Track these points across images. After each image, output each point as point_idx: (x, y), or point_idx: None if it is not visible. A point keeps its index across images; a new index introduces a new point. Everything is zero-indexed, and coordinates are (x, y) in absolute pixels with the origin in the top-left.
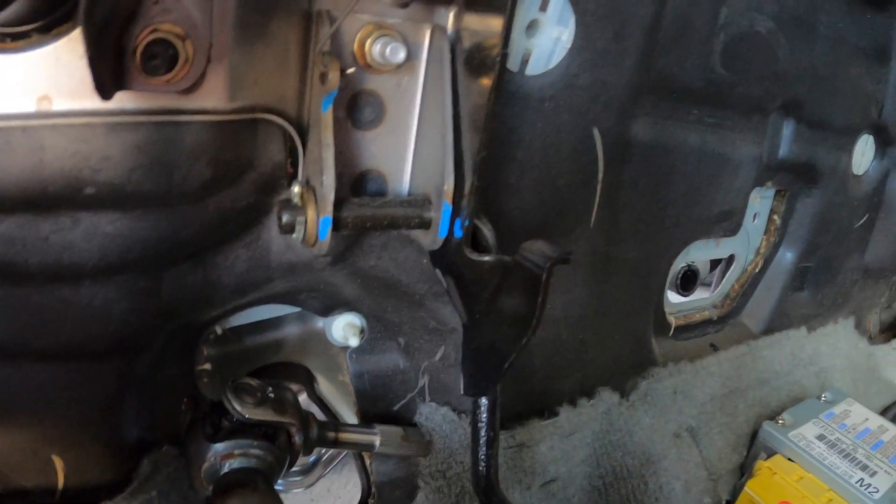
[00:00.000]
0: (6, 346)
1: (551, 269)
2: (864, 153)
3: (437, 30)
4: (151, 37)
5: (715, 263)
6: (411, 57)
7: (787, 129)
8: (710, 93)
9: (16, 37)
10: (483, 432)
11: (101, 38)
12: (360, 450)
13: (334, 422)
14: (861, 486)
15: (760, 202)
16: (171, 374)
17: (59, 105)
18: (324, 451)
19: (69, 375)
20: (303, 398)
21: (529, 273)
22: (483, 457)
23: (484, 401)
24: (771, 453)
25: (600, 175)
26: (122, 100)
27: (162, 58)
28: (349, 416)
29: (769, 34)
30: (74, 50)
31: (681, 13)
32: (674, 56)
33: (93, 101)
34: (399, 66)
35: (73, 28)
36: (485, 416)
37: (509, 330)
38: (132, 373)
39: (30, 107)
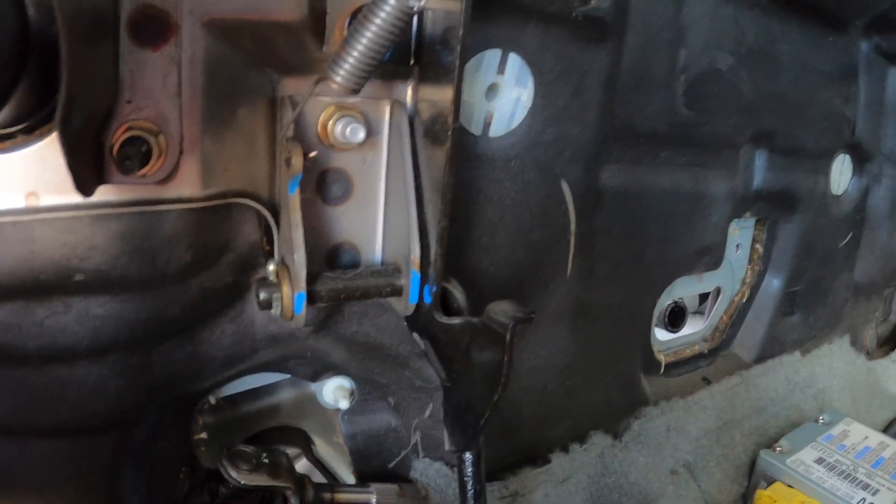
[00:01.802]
0: (7, 423)
1: (514, 329)
2: (841, 172)
3: (396, 104)
4: (127, 134)
5: (704, 296)
6: (373, 132)
7: (760, 160)
8: (676, 134)
9: (2, 137)
10: (470, 486)
11: (79, 140)
12: None
13: (330, 483)
14: None
15: (741, 233)
16: (168, 445)
17: (46, 200)
18: None
19: (68, 450)
20: (303, 461)
21: (495, 333)
22: None
23: (468, 455)
24: (771, 481)
25: (573, 226)
26: (104, 192)
27: (134, 157)
28: (348, 476)
29: (731, 70)
30: (58, 148)
31: (638, 61)
32: (635, 103)
33: (77, 196)
34: (362, 143)
35: (55, 129)
36: (470, 470)
37: (482, 388)
38: (129, 445)
39: (19, 202)
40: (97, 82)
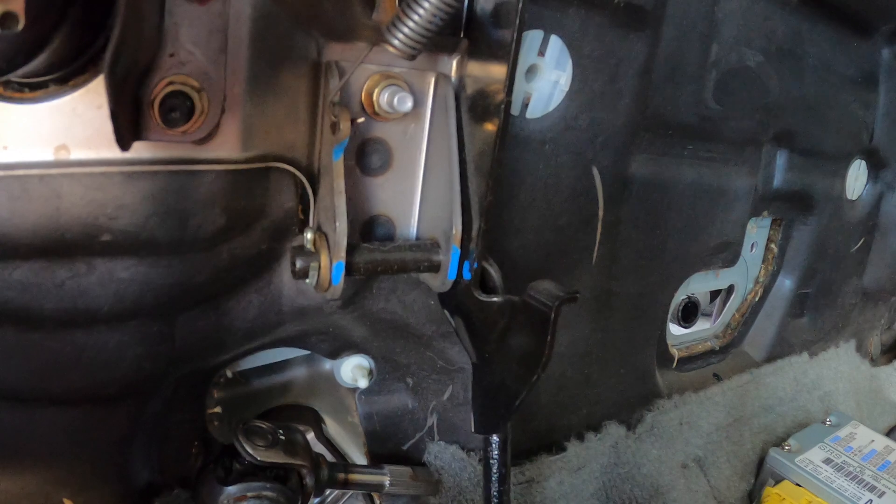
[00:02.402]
0: (20, 389)
1: (559, 309)
2: (857, 178)
3: (442, 77)
4: (168, 89)
5: (715, 294)
6: (417, 104)
7: (781, 159)
8: (703, 128)
9: (34, 87)
10: (495, 469)
11: (121, 90)
12: (369, 490)
13: (344, 463)
14: None
15: (757, 231)
16: (182, 418)
17: (77, 154)
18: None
19: (81, 419)
20: (310, 438)
21: (538, 312)
22: (496, 493)
23: (495, 438)
24: (779, 479)
25: (600, 213)
26: (137, 149)
27: (180, 109)
28: (358, 456)
29: (759, 68)
30: (91, 101)
31: (673, 52)
32: (668, 94)
33: (109, 151)
34: (405, 114)
35: (90, 79)
36: (496, 453)
37: (518, 368)
38: (143, 416)
39: (48, 155)
40: (143, 32)
